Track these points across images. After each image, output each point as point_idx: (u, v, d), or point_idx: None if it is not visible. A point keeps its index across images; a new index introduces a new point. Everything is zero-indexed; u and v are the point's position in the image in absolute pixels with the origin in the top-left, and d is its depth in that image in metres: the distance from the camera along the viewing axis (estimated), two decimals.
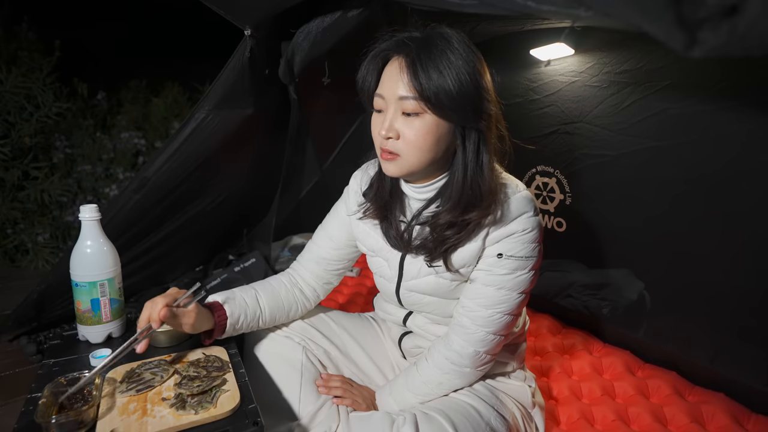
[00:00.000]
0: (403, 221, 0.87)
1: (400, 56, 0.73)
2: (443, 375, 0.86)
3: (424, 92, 0.70)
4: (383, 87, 0.75)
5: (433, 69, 0.70)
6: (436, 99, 0.70)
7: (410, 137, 0.73)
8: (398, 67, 0.73)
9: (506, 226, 0.78)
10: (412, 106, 0.72)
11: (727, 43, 0.32)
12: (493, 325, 0.82)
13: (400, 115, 0.74)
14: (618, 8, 0.40)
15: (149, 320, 0.79)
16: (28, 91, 2.16)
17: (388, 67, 0.75)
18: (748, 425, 1.07)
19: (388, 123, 0.74)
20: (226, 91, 1.29)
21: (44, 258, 2.18)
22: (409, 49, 0.72)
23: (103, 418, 0.69)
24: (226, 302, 0.90)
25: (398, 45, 0.74)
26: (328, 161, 2.09)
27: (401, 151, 0.75)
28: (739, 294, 1.13)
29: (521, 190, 0.80)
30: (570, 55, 1.42)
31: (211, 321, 0.87)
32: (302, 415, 0.87)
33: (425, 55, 0.70)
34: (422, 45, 0.72)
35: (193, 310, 0.82)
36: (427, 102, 0.71)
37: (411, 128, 0.73)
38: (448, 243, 0.79)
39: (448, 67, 0.69)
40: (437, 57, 0.70)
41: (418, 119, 0.73)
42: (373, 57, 0.77)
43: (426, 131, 0.73)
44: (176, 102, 2.85)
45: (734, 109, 1.09)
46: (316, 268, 1.01)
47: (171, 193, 1.44)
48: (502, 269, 0.79)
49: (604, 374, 1.29)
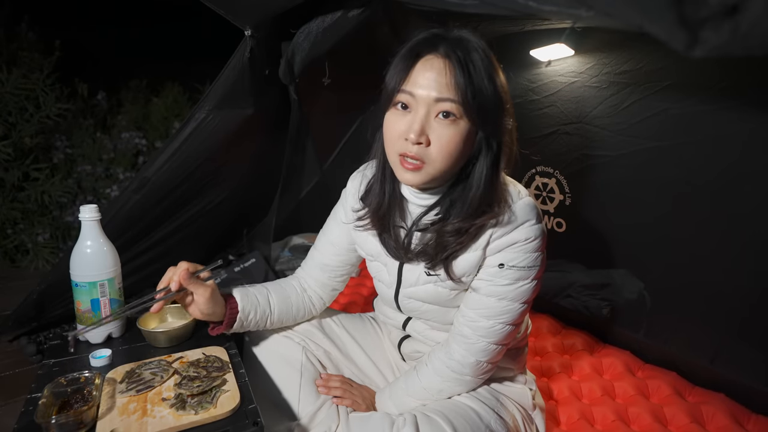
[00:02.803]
0: (402, 227, 0.85)
1: (436, 54, 0.69)
2: (444, 382, 0.85)
3: (466, 94, 0.66)
4: (415, 84, 0.69)
5: (474, 71, 0.68)
6: (479, 105, 0.68)
7: (443, 143, 0.69)
8: (437, 65, 0.68)
9: (508, 234, 0.75)
10: (450, 108, 0.68)
11: (729, 43, 0.32)
12: (494, 336, 0.80)
13: (433, 119, 0.69)
14: (619, 8, 0.40)
15: (169, 281, 0.81)
16: (29, 92, 2.16)
17: (422, 64, 0.70)
18: (748, 425, 1.07)
19: (419, 126, 0.68)
20: (227, 91, 1.29)
21: (44, 258, 2.18)
22: (445, 48, 0.68)
23: (103, 418, 0.69)
24: (240, 296, 0.89)
25: (431, 41, 0.70)
26: (328, 161, 2.09)
27: (429, 158, 0.70)
28: (740, 294, 1.13)
29: (524, 196, 0.78)
30: (570, 55, 1.42)
31: (222, 310, 0.87)
32: (302, 415, 0.87)
33: (469, 58, 0.67)
34: (458, 44, 0.69)
35: (210, 285, 0.84)
36: (468, 105, 0.67)
37: (444, 134, 0.69)
38: (450, 249, 0.77)
39: (489, 74, 0.68)
40: (478, 62, 0.68)
41: (453, 125, 0.69)
42: (407, 51, 0.71)
43: (459, 138, 0.69)
44: (176, 102, 2.85)
45: (735, 108, 1.09)
46: (320, 276, 1.00)
47: (171, 193, 1.43)
48: (504, 279, 0.77)
49: (604, 374, 1.29)
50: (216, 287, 0.86)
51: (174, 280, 0.80)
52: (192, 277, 0.81)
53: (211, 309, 0.84)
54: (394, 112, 0.72)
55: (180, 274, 0.80)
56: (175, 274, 0.81)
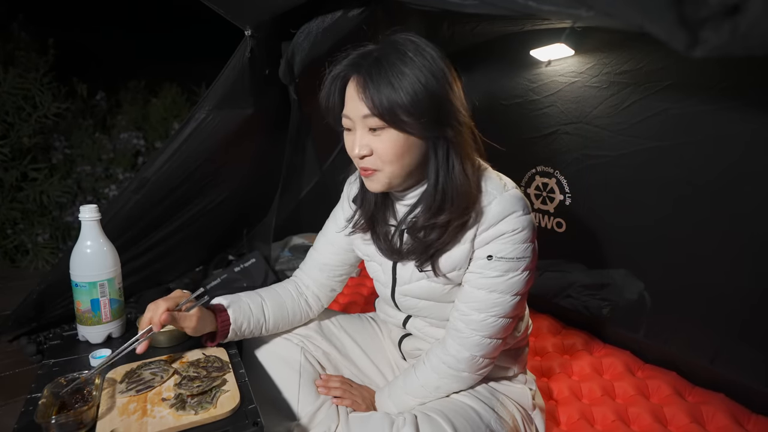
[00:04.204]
0: (392, 225, 0.87)
1: (357, 74, 0.73)
2: (441, 379, 0.85)
3: (377, 109, 0.70)
4: (348, 107, 0.76)
5: (385, 84, 0.69)
6: (390, 114, 0.70)
7: (381, 152, 0.74)
8: (358, 85, 0.73)
9: (495, 226, 0.77)
10: (375, 122, 0.72)
11: (729, 43, 0.32)
12: (488, 329, 0.81)
13: (368, 132, 0.75)
14: (619, 8, 0.40)
15: (150, 322, 0.79)
16: (26, 92, 2.15)
17: (348, 88, 0.75)
18: (748, 425, 1.07)
19: (358, 143, 0.75)
20: (226, 91, 1.29)
21: (44, 258, 2.18)
22: (360, 68, 0.72)
23: (103, 419, 0.69)
24: (230, 307, 0.89)
25: (352, 65, 0.74)
26: (328, 161, 2.08)
27: (377, 166, 0.75)
28: (740, 295, 1.13)
29: (510, 189, 0.79)
30: (570, 55, 1.42)
31: (213, 324, 0.87)
32: (301, 415, 0.87)
33: (376, 71, 0.70)
34: (374, 61, 0.71)
35: (194, 314, 0.83)
36: (383, 117, 0.71)
37: (380, 143, 0.74)
38: (433, 247, 0.79)
39: (401, 80, 0.69)
40: (388, 71, 0.70)
41: (385, 133, 0.73)
42: (332, 80, 0.77)
43: (393, 143, 0.73)
44: (175, 103, 2.85)
45: (737, 109, 1.08)
46: (319, 276, 1.01)
47: (171, 193, 1.43)
48: (493, 271, 0.78)
49: (604, 374, 1.29)
50: (201, 313, 0.84)
51: (155, 323, 0.79)
52: (173, 316, 0.79)
53: (200, 330, 0.85)
54: (345, 133, 0.80)
55: (160, 318, 0.78)
56: (155, 315, 0.79)
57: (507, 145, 0.85)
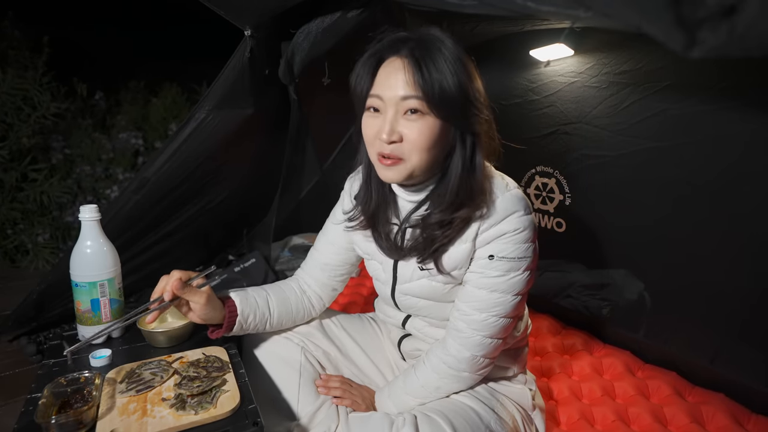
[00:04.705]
0: (395, 223, 0.86)
1: (397, 56, 0.73)
2: (441, 379, 0.85)
3: (427, 90, 0.69)
4: (381, 87, 0.74)
5: (434, 67, 0.69)
6: (440, 97, 0.70)
7: (413, 138, 0.72)
8: (398, 66, 0.72)
9: (496, 226, 0.76)
10: (415, 104, 0.71)
11: (727, 44, 0.32)
12: (488, 329, 0.80)
13: (401, 117, 0.72)
14: (617, 9, 0.40)
15: (162, 291, 0.80)
16: (25, 92, 2.15)
17: (385, 68, 0.74)
18: (748, 425, 1.07)
19: (389, 126, 0.72)
20: (226, 91, 1.29)
21: (44, 258, 2.18)
22: (406, 49, 0.72)
23: (103, 418, 0.69)
24: (239, 299, 0.89)
25: (393, 45, 0.73)
26: (328, 161, 2.09)
27: (404, 155, 0.73)
28: (740, 295, 1.13)
29: (512, 188, 0.79)
30: (569, 55, 1.42)
31: (221, 313, 0.86)
32: (301, 415, 0.87)
33: (425, 54, 0.70)
34: (419, 44, 0.71)
35: (205, 291, 0.83)
36: (431, 100, 0.70)
37: (413, 129, 0.71)
38: (437, 242, 0.78)
39: (447, 67, 0.69)
40: (436, 56, 0.70)
41: (421, 120, 0.71)
42: (369, 57, 0.76)
43: (429, 132, 0.72)
44: (175, 103, 2.85)
45: (736, 109, 1.09)
46: (320, 275, 1.01)
47: (171, 193, 1.44)
48: (495, 271, 0.78)
49: (604, 374, 1.29)
50: (212, 293, 0.85)
51: (167, 290, 0.80)
52: (185, 285, 0.80)
53: (208, 315, 0.84)
54: (368, 115, 0.77)
55: (172, 284, 0.79)
56: (168, 284, 0.80)
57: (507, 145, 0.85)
